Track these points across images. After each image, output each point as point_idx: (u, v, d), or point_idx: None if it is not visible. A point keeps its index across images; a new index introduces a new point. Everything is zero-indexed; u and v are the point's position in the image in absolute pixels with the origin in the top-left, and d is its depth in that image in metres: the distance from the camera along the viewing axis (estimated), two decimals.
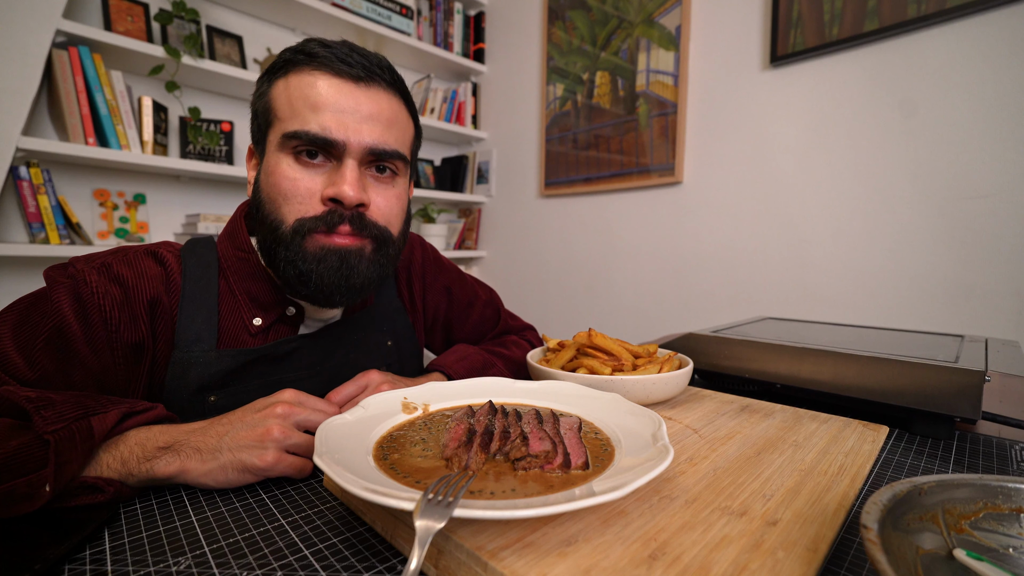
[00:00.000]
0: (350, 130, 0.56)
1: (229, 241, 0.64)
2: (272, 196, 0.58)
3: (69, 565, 0.34)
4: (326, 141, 0.55)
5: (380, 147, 0.58)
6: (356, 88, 0.57)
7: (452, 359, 0.75)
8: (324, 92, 0.55)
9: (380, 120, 0.58)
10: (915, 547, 0.28)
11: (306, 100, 0.55)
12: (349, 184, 0.55)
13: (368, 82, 0.58)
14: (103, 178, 1.63)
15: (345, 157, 0.56)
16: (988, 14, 1.19)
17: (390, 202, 0.61)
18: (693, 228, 1.78)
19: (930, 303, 1.31)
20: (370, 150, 0.57)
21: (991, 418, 0.61)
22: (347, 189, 0.55)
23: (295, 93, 0.56)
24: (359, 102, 0.57)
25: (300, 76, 0.56)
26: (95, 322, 0.53)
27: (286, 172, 0.56)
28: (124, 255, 0.58)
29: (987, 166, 1.21)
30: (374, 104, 0.58)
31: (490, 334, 0.93)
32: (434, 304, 0.86)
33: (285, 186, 0.56)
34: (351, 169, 0.56)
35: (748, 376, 0.74)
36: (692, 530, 0.33)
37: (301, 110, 0.55)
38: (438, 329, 0.89)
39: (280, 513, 0.40)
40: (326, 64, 0.56)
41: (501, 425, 0.44)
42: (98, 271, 0.55)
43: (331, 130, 0.55)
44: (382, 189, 0.60)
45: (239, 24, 1.89)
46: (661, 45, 1.81)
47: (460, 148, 2.76)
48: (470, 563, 0.30)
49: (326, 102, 0.55)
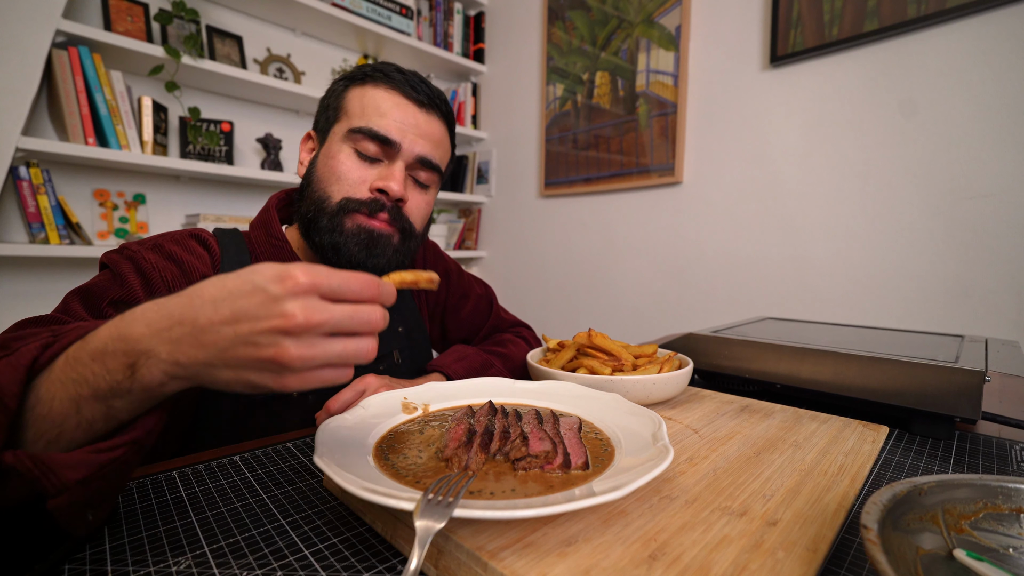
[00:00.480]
0: (406, 138, 0.66)
1: (262, 230, 0.71)
2: (326, 176, 0.66)
3: (69, 565, 0.34)
4: (385, 139, 0.65)
5: (427, 157, 0.68)
6: (418, 110, 0.68)
7: (451, 359, 0.76)
8: (392, 106, 0.66)
9: (431, 139, 0.69)
10: (915, 547, 0.28)
11: (376, 108, 0.66)
12: (397, 181, 0.65)
13: (429, 108, 0.69)
14: (103, 178, 1.63)
15: (397, 159, 0.67)
16: (988, 14, 1.19)
17: (420, 205, 0.71)
18: (693, 228, 1.78)
19: (930, 303, 1.31)
20: (418, 158, 0.68)
21: (991, 418, 0.61)
22: (394, 184, 0.65)
23: (368, 101, 0.66)
24: (418, 120, 0.68)
25: (376, 89, 0.67)
26: (161, 293, 0.55)
27: (344, 160, 0.66)
28: (173, 237, 0.64)
29: (987, 166, 1.21)
30: (429, 126, 0.69)
31: (484, 328, 0.94)
32: (434, 292, 0.89)
33: (341, 170, 0.65)
34: (400, 170, 0.66)
35: (748, 376, 0.74)
36: (692, 530, 0.33)
37: (370, 114, 0.66)
38: (437, 319, 0.91)
39: (280, 513, 0.40)
40: (399, 85, 0.67)
41: (501, 425, 0.44)
42: (153, 250, 0.60)
43: (392, 132, 0.65)
44: (418, 193, 0.71)
45: (239, 24, 1.89)
46: (661, 45, 1.81)
47: (460, 148, 2.76)
48: (470, 563, 0.30)
49: (392, 112, 0.66)
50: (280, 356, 0.31)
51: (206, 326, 0.32)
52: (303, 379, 0.32)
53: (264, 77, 1.77)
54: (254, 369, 0.32)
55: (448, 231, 2.54)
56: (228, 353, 0.32)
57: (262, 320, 0.31)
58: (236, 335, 0.31)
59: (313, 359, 0.32)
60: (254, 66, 1.92)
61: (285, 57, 1.99)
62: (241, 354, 0.32)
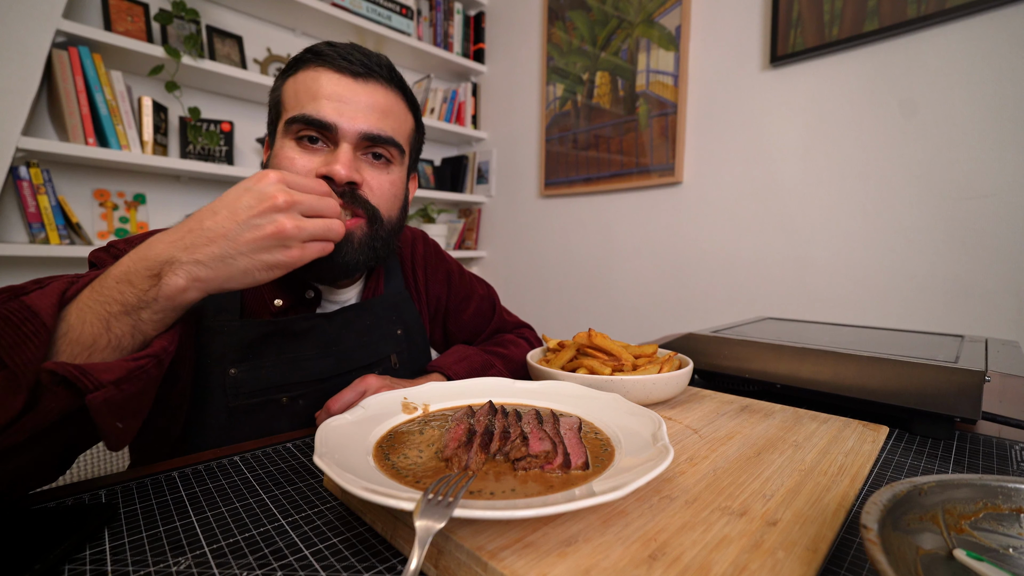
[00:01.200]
0: (345, 116, 0.61)
1: None
2: None
3: (69, 565, 0.34)
4: (321, 123, 0.60)
5: (373, 132, 0.62)
6: (354, 83, 0.62)
7: (451, 360, 0.76)
8: (324, 84, 0.61)
9: (375, 110, 0.63)
10: (915, 547, 0.28)
11: (308, 91, 0.61)
12: (342, 163, 0.60)
13: (367, 78, 0.63)
14: (103, 178, 1.63)
15: (341, 141, 0.61)
16: (988, 14, 1.19)
17: (383, 185, 0.65)
18: (693, 228, 1.78)
19: (930, 303, 1.31)
20: (364, 135, 0.62)
21: (991, 418, 0.61)
22: (338, 167, 0.60)
23: (300, 87, 0.62)
24: (356, 94, 0.62)
25: (306, 72, 0.62)
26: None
27: (287, 154, 0.62)
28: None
29: (987, 166, 1.21)
30: (370, 96, 0.63)
31: (486, 330, 0.94)
32: (436, 294, 0.89)
33: (284, 165, 0.62)
34: (345, 152, 0.61)
35: (748, 376, 0.74)
36: (692, 530, 0.33)
37: (303, 100, 0.61)
38: (438, 321, 0.90)
39: (280, 513, 0.40)
40: (329, 61, 0.62)
41: (501, 425, 0.44)
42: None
43: (326, 114, 0.60)
44: (376, 172, 0.65)
45: (239, 24, 1.89)
46: (661, 45, 1.81)
47: (460, 148, 2.76)
48: (470, 563, 0.30)
49: (325, 92, 0.61)
50: (280, 228, 0.42)
51: (212, 226, 0.41)
52: (303, 250, 0.44)
53: (264, 77, 1.77)
54: (263, 249, 0.42)
55: (448, 231, 2.54)
56: (239, 240, 0.41)
57: (255, 206, 0.41)
58: (238, 223, 0.41)
59: (303, 229, 0.43)
60: (254, 66, 1.92)
61: (285, 57, 1.99)
62: (248, 237, 0.41)
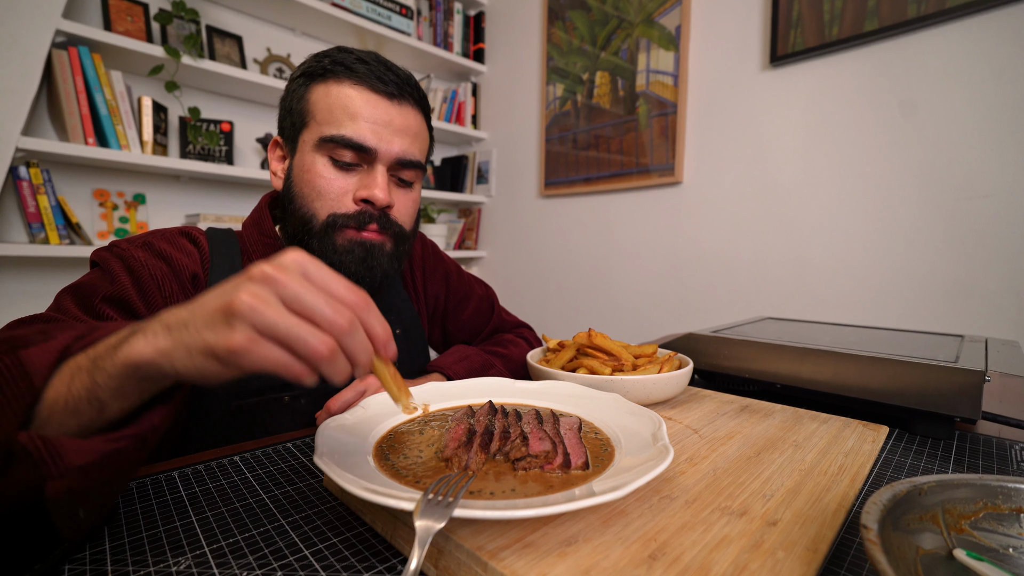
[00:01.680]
0: (383, 140, 0.63)
1: (255, 228, 0.70)
2: (306, 192, 0.64)
3: (69, 565, 0.34)
4: (361, 147, 0.62)
5: (407, 157, 0.65)
6: (390, 104, 0.64)
7: (451, 360, 0.76)
8: (362, 104, 0.62)
9: (408, 134, 0.65)
10: (915, 547, 0.28)
11: (345, 109, 0.62)
12: (380, 188, 0.63)
13: (400, 100, 0.65)
14: (103, 178, 1.63)
15: (376, 163, 0.63)
16: (988, 14, 1.19)
17: (408, 206, 0.69)
18: (693, 228, 1.78)
19: (930, 303, 1.31)
20: (398, 160, 0.64)
21: (991, 418, 0.61)
22: (379, 192, 0.62)
23: (335, 102, 0.62)
24: (392, 116, 0.64)
25: (340, 87, 0.62)
26: (151, 290, 0.56)
27: (322, 172, 0.63)
28: (162, 235, 0.62)
29: (987, 166, 1.21)
30: (403, 120, 0.65)
31: (485, 329, 0.94)
32: (434, 293, 0.89)
33: (321, 184, 0.62)
34: (381, 175, 0.63)
35: (748, 376, 0.74)
36: (692, 530, 0.33)
37: (340, 117, 0.62)
38: (437, 321, 0.91)
39: (280, 513, 0.40)
40: (365, 80, 0.62)
41: (501, 425, 0.44)
42: (142, 248, 0.59)
43: (367, 138, 0.62)
44: (403, 194, 0.68)
45: (239, 24, 1.89)
46: (661, 45, 1.81)
47: (460, 148, 2.76)
48: (470, 563, 0.30)
49: (363, 113, 0.62)
50: (232, 300, 0.29)
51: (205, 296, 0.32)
52: (249, 342, 0.29)
53: (264, 77, 1.77)
54: (209, 323, 0.30)
55: (448, 231, 2.54)
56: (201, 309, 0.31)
57: (233, 282, 0.31)
58: (220, 290, 0.31)
59: (263, 315, 0.29)
60: (254, 66, 1.92)
61: (285, 57, 1.99)
62: (210, 306, 0.31)
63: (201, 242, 0.64)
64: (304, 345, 0.30)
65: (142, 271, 0.56)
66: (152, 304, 0.55)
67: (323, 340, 0.30)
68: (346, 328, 0.31)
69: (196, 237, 0.65)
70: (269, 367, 0.31)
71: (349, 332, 0.32)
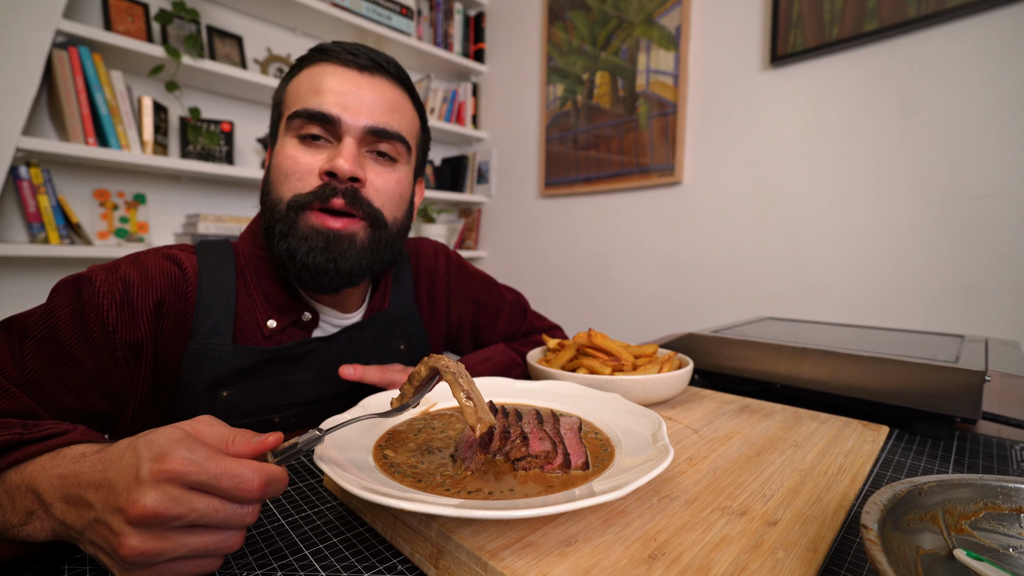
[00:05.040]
0: (348, 110, 0.58)
1: (250, 239, 0.66)
2: (275, 176, 0.60)
3: (69, 565, 0.34)
4: (323, 116, 0.57)
5: (379, 126, 0.59)
6: (360, 76, 0.60)
7: (475, 361, 0.75)
8: (328, 78, 0.58)
9: (381, 104, 0.60)
10: (915, 547, 0.28)
11: (311, 86, 0.59)
12: (344, 158, 0.57)
13: (372, 72, 0.60)
14: (103, 178, 1.63)
15: (344, 136, 0.58)
16: (988, 14, 1.19)
17: (388, 183, 0.62)
18: (693, 228, 1.78)
19: (930, 303, 1.31)
20: (369, 129, 0.59)
21: (991, 418, 0.61)
22: (341, 162, 0.57)
23: (303, 84, 0.59)
24: (361, 87, 0.59)
25: (311, 69, 0.60)
26: (92, 323, 0.52)
27: (289, 152, 0.59)
28: (135, 257, 0.58)
29: (987, 166, 1.21)
30: (376, 91, 0.60)
31: (519, 334, 0.93)
32: (458, 315, 0.86)
33: (287, 164, 0.59)
34: (348, 146, 0.58)
35: (748, 376, 0.74)
36: (692, 530, 0.33)
37: (306, 95, 0.58)
38: (465, 336, 0.89)
39: (280, 513, 0.40)
40: (334, 56, 0.59)
41: (501, 425, 0.44)
42: (107, 271, 0.55)
43: (329, 106, 0.57)
44: (380, 170, 0.62)
45: (239, 24, 1.89)
46: (661, 45, 1.81)
47: (460, 148, 2.76)
48: (470, 563, 0.30)
49: (330, 87, 0.58)
50: (119, 547, 0.28)
51: (87, 485, 0.31)
52: (153, 573, 0.29)
53: (264, 77, 1.77)
54: (104, 552, 0.30)
55: (448, 231, 2.54)
56: (90, 526, 0.30)
57: (119, 496, 0.29)
58: (99, 504, 0.30)
59: (160, 554, 0.28)
60: (254, 66, 1.92)
61: (285, 57, 1.99)
62: (95, 531, 0.30)
63: (182, 260, 0.60)
64: (216, 552, 0.31)
65: (89, 300, 0.52)
66: (90, 342, 0.52)
67: (235, 540, 0.31)
68: (251, 519, 0.32)
69: (176, 256, 0.60)
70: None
71: (253, 517, 0.32)
